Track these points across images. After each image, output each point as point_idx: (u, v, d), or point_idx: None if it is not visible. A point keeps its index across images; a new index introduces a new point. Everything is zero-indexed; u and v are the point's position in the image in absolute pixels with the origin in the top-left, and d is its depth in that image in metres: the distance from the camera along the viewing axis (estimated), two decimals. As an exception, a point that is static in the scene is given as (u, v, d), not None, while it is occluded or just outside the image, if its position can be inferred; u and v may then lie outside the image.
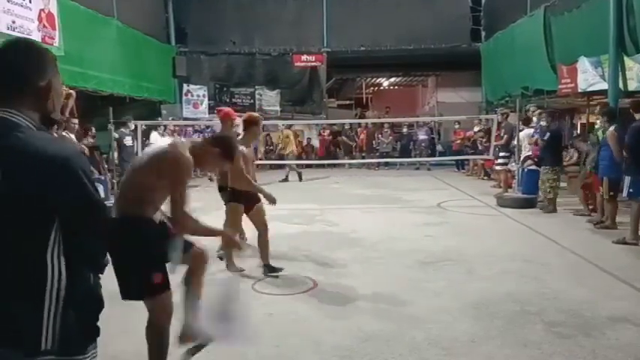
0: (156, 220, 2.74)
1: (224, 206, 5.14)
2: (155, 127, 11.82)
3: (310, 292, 4.54)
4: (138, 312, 2.78)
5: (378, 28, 16.80)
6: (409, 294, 4.49)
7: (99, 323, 1.64)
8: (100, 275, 1.68)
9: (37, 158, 1.43)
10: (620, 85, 8.55)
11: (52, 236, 1.48)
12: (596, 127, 9.81)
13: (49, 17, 8.86)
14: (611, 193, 6.56)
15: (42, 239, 1.47)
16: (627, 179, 6.09)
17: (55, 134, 7.13)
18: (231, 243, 2.99)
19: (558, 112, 12.99)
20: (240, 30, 17.52)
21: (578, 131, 13.55)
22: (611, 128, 6.49)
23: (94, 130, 9.59)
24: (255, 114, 5.44)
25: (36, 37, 8.49)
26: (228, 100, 17.18)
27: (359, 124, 18.38)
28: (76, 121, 8.69)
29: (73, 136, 8.42)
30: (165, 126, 12.39)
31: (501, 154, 10.38)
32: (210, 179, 9.31)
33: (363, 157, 17.09)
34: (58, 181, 1.45)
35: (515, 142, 9.60)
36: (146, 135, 11.31)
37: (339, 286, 4.65)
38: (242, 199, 4.94)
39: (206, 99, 16.52)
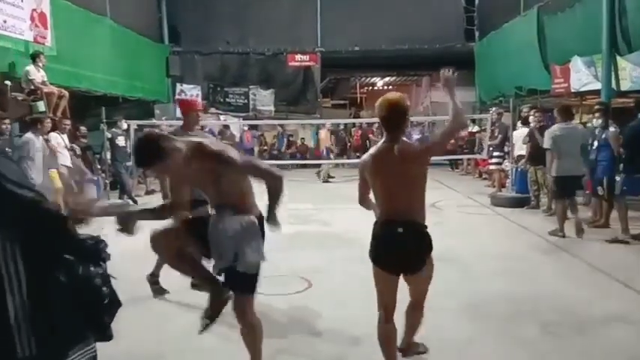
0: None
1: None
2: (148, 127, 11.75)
3: (305, 292, 4.52)
4: (134, 314, 2.75)
5: (372, 28, 16.80)
6: (404, 294, 4.48)
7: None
8: (92, 268, 1.58)
9: None
10: (613, 84, 8.59)
11: (0, 244, 1.42)
12: (589, 125, 9.86)
13: (41, 17, 8.78)
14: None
15: None
16: (621, 177, 6.12)
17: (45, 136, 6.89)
18: None
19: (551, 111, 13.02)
20: (234, 29, 17.47)
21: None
22: (613, 129, 6.52)
23: (83, 129, 9.50)
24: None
25: (28, 36, 8.42)
26: (222, 100, 17.15)
27: (353, 124, 18.36)
28: (68, 121, 8.64)
29: (65, 137, 8.37)
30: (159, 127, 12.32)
31: (495, 153, 10.39)
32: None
33: (358, 157, 17.05)
34: None
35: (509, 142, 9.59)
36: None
37: (335, 286, 4.64)
38: None
39: (199, 99, 16.44)
